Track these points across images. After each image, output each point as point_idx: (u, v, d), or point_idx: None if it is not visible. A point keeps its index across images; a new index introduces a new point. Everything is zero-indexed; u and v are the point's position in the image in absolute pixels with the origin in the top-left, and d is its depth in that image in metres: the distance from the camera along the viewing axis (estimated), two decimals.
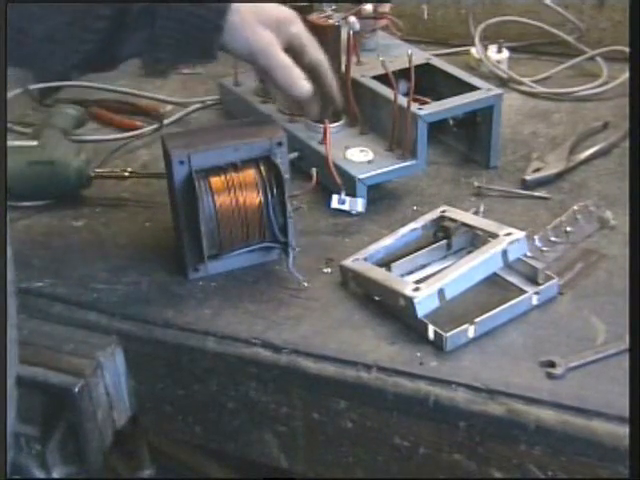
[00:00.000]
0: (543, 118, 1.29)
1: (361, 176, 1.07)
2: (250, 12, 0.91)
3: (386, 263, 0.96)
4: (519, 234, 0.92)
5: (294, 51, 0.94)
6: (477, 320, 0.87)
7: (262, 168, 0.95)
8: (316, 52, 0.95)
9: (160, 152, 0.98)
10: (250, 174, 0.95)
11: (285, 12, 0.94)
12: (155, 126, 1.29)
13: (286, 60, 0.92)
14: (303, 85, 0.92)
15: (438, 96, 1.15)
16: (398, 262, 0.97)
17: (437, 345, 0.87)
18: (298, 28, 0.94)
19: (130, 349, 0.93)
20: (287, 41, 0.93)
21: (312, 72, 0.95)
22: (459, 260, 0.92)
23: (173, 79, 1.46)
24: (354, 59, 1.18)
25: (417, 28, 1.50)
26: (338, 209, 1.07)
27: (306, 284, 0.96)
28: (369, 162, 1.09)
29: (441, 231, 1.00)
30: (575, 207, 1.05)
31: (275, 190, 0.95)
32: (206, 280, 0.98)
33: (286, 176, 0.95)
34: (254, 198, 0.94)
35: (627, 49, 1.34)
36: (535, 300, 0.91)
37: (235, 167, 0.94)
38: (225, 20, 0.88)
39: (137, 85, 1.41)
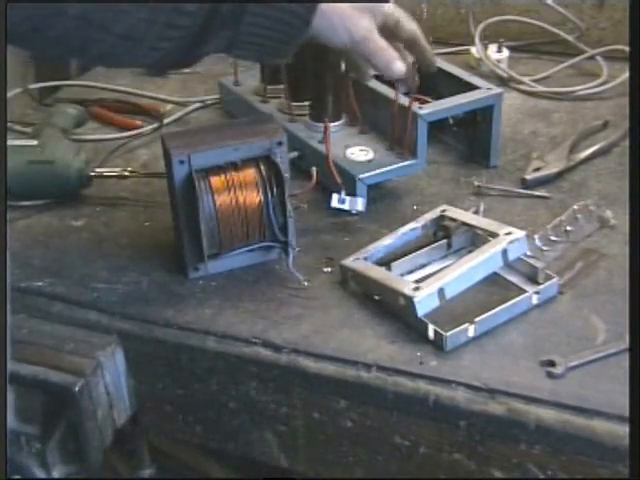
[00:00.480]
0: (543, 117, 1.29)
1: (361, 175, 1.07)
2: (347, 7, 0.91)
3: (386, 262, 0.96)
4: (519, 233, 0.92)
5: (389, 28, 0.95)
6: (477, 319, 0.87)
7: (262, 167, 0.95)
8: (410, 24, 0.97)
9: (160, 152, 0.98)
10: (250, 173, 0.95)
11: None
12: (155, 125, 1.30)
13: (383, 43, 0.93)
14: (400, 66, 0.94)
15: (438, 95, 1.15)
16: (398, 261, 0.97)
17: (437, 344, 0.87)
18: (389, 6, 0.95)
19: (130, 348, 0.93)
20: (382, 21, 0.94)
21: (409, 43, 0.98)
22: (459, 259, 0.92)
23: (173, 78, 1.46)
24: None
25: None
26: (338, 208, 1.06)
27: (306, 283, 0.96)
28: (369, 161, 1.09)
29: (441, 230, 1.00)
30: (575, 206, 1.05)
31: (275, 189, 0.95)
32: (206, 279, 0.98)
33: (286, 175, 0.95)
34: (254, 197, 0.94)
35: (627, 48, 1.34)
36: (535, 299, 0.91)
37: (235, 166, 0.94)
38: (313, 17, 0.88)
39: (137, 84, 1.41)
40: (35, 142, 1.15)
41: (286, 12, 0.86)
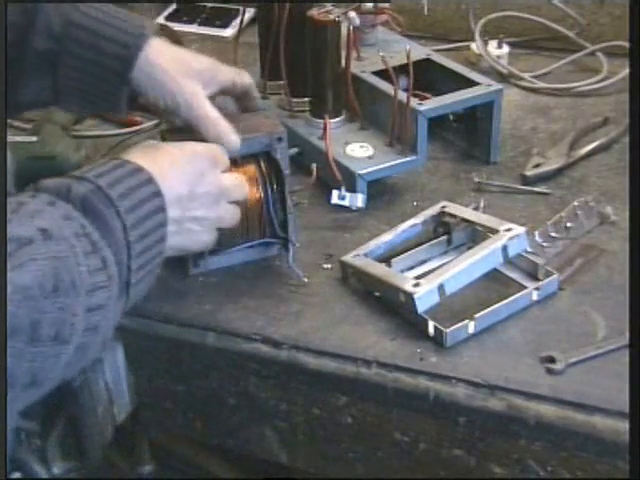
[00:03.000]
0: (543, 113, 1.29)
1: (361, 172, 1.06)
2: (172, 62, 0.90)
3: (386, 259, 0.96)
4: (519, 230, 0.92)
5: (231, 94, 0.95)
6: (477, 316, 0.87)
7: (262, 164, 0.95)
8: (244, 79, 0.96)
9: None
10: (250, 169, 0.95)
11: (205, 63, 0.93)
12: (155, 122, 1.29)
13: (212, 113, 0.90)
14: (234, 140, 0.91)
15: (438, 92, 1.15)
16: (398, 258, 0.97)
17: (437, 341, 0.87)
18: (224, 74, 0.94)
19: (130, 344, 0.93)
20: (216, 90, 0.93)
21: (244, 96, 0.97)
22: (459, 256, 0.92)
23: None
24: (354, 54, 1.17)
25: (417, 23, 1.49)
26: (338, 205, 1.06)
27: (306, 279, 0.96)
28: (369, 158, 1.09)
29: (441, 227, 1.00)
30: (575, 203, 1.05)
31: (275, 186, 0.95)
32: (206, 275, 0.98)
33: (286, 172, 0.95)
34: (254, 193, 0.94)
35: (627, 44, 1.33)
36: (535, 296, 0.91)
37: (235, 162, 0.94)
38: (131, 73, 0.87)
39: None
40: (35, 138, 1.15)
41: (102, 67, 0.85)
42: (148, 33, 0.90)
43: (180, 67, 0.90)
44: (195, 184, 0.83)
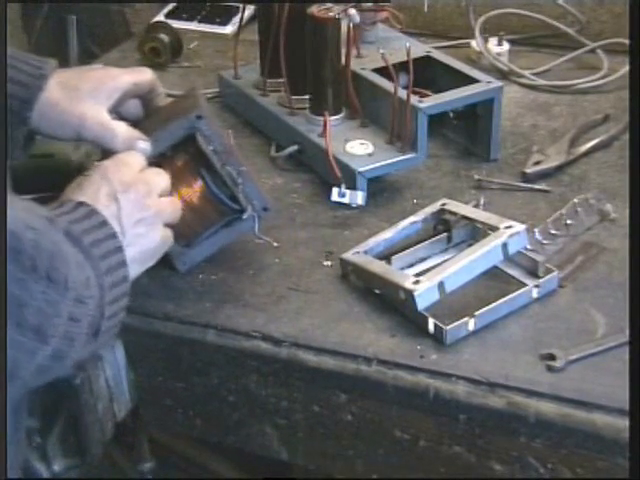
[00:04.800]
0: (543, 111, 1.29)
1: (361, 169, 1.06)
2: (62, 92, 0.90)
3: (386, 256, 0.96)
4: (519, 227, 0.92)
5: (138, 95, 0.95)
6: (477, 313, 0.87)
7: (191, 148, 0.92)
8: (144, 77, 0.95)
9: None
10: (181, 160, 0.92)
11: (94, 78, 0.92)
12: None
13: (114, 127, 0.90)
14: (144, 145, 0.90)
15: (438, 89, 1.15)
16: (398, 255, 0.97)
17: (437, 338, 0.87)
18: (120, 80, 0.93)
19: (131, 342, 0.93)
20: (119, 97, 0.92)
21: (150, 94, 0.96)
22: (459, 253, 0.92)
23: (173, 72, 1.46)
24: (354, 52, 1.17)
25: (417, 21, 1.49)
26: (338, 202, 1.07)
27: (275, 244, 0.96)
28: (369, 155, 1.09)
29: (441, 224, 1.00)
30: (575, 200, 1.05)
31: (210, 164, 0.92)
32: (206, 273, 0.98)
33: (210, 148, 0.91)
34: (193, 182, 0.92)
35: (627, 42, 1.33)
36: (535, 293, 0.91)
37: (165, 156, 0.92)
38: (30, 113, 0.88)
39: None
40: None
41: None
42: (47, 73, 0.90)
43: (71, 94, 0.90)
44: (117, 193, 0.83)
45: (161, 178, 0.87)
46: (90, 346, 0.77)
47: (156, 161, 0.90)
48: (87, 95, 0.91)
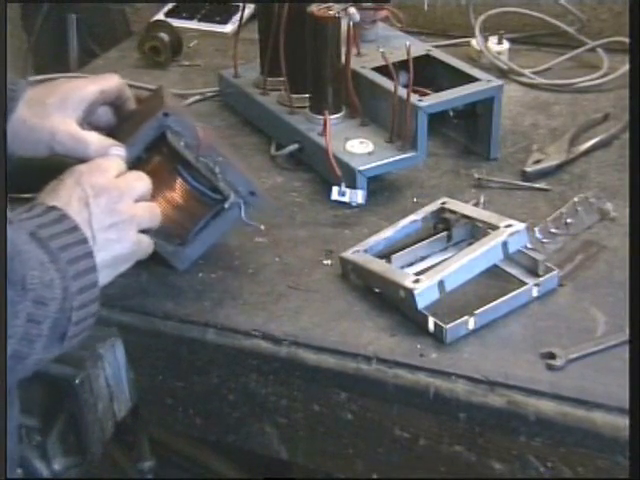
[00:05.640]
0: (543, 109, 1.29)
1: (361, 168, 1.06)
2: (29, 110, 0.90)
3: (386, 255, 0.96)
4: (519, 226, 0.92)
5: (107, 102, 0.95)
6: (477, 312, 0.87)
7: (164, 147, 0.92)
8: (111, 82, 0.95)
9: None
10: (156, 162, 0.92)
11: (60, 90, 0.92)
12: None
13: (84, 137, 0.90)
14: (118, 151, 0.90)
15: (438, 88, 1.15)
16: (398, 254, 0.97)
17: (437, 337, 0.87)
18: (86, 89, 0.93)
19: (130, 341, 0.93)
20: (87, 106, 0.92)
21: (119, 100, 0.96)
22: (459, 252, 0.92)
23: (173, 71, 1.46)
24: (354, 50, 1.17)
25: (417, 19, 1.49)
26: (338, 201, 1.06)
27: (262, 227, 0.97)
28: (369, 154, 1.09)
29: (441, 223, 1.00)
30: (575, 199, 1.05)
31: (185, 160, 0.92)
32: (206, 272, 0.98)
33: (181, 143, 0.91)
34: (171, 180, 0.92)
35: (627, 40, 1.33)
36: (535, 292, 0.91)
37: (141, 160, 0.92)
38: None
39: (136, 77, 1.40)
40: None
41: None
42: (18, 95, 0.90)
43: (38, 110, 0.91)
44: (89, 198, 0.82)
45: (140, 183, 0.87)
46: (54, 349, 0.76)
47: (134, 166, 0.90)
48: (54, 109, 0.91)
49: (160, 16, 1.60)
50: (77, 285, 0.77)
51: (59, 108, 0.91)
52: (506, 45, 1.40)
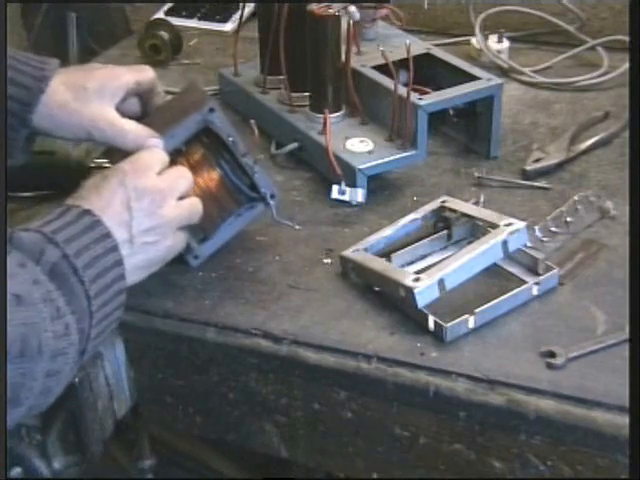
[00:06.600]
0: (543, 108, 1.29)
1: (361, 166, 1.06)
2: (68, 93, 0.89)
3: (386, 254, 0.96)
4: (519, 224, 0.92)
5: (139, 94, 0.95)
6: (477, 310, 0.87)
7: (206, 140, 0.93)
8: (146, 75, 0.95)
9: None
10: (197, 153, 0.94)
11: (98, 77, 0.92)
12: None
13: (124, 125, 0.90)
14: (155, 142, 0.89)
15: (438, 86, 1.14)
16: (398, 252, 0.97)
17: (437, 335, 0.87)
18: (124, 78, 0.93)
19: (130, 340, 0.93)
20: (123, 95, 0.92)
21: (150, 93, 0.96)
22: (459, 250, 0.92)
23: (172, 69, 1.46)
24: (354, 49, 1.17)
25: (417, 18, 1.49)
26: (338, 199, 1.07)
27: (297, 227, 0.97)
28: (369, 152, 1.09)
29: (441, 221, 1.00)
30: (575, 197, 1.05)
31: (227, 155, 0.94)
32: (206, 270, 0.98)
33: (230, 139, 0.93)
34: (212, 174, 0.94)
35: (627, 39, 1.33)
36: (535, 290, 0.91)
37: (181, 152, 0.93)
38: (32, 115, 0.87)
39: None
40: None
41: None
42: (49, 74, 0.90)
43: (76, 95, 0.90)
44: (131, 200, 0.83)
45: (183, 181, 0.87)
46: (77, 366, 0.78)
47: (172, 157, 0.91)
48: (94, 95, 0.90)
49: (160, 14, 1.60)
50: (98, 316, 0.77)
51: (98, 94, 0.90)
52: (506, 44, 1.40)
